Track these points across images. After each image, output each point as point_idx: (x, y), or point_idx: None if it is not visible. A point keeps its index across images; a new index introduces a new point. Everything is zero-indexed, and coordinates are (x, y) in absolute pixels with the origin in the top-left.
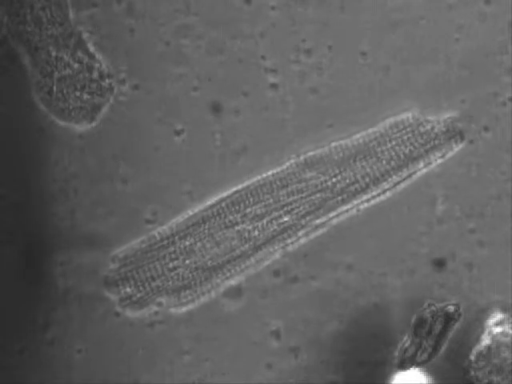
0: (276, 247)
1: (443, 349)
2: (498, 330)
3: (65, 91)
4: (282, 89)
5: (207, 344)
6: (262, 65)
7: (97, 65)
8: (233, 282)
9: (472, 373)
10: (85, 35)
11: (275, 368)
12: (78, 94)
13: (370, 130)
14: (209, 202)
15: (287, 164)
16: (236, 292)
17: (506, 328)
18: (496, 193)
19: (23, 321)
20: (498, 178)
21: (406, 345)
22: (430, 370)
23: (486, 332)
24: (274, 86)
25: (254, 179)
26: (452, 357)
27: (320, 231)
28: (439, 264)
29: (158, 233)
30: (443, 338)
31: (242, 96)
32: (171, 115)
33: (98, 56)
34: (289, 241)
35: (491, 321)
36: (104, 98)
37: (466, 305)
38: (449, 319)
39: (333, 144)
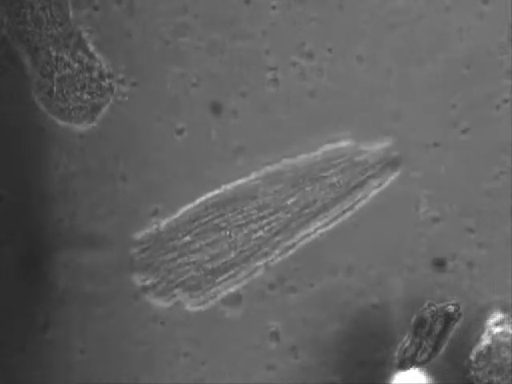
0: (257, 263)
1: (443, 349)
2: (497, 330)
3: (65, 91)
4: (282, 89)
5: (206, 345)
6: (261, 65)
7: (97, 65)
8: (232, 289)
9: (472, 373)
10: (85, 35)
11: (275, 368)
12: (78, 94)
13: (313, 154)
14: (198, 201)
15: (253, 175)
16: (236, 298)
17: (506, 328)
18: (496, 193)
19: (23, 321)
20: (498, 177)
21: (406, 345)
22: (430, 370)
23: (486, 332)
24: (273, 85)
25: (229, 186)
26: (452, 357)
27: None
28: (439, 264)
29: (167, 224)
30: (443, 338)
31: (241, 96)
32: (171, 114)
33: (98, 56)
34: (267, 258)
35: (491, 321)
36: (104, 98)
37: (466, 305)
38: (449, 319)
39: (283, 161)
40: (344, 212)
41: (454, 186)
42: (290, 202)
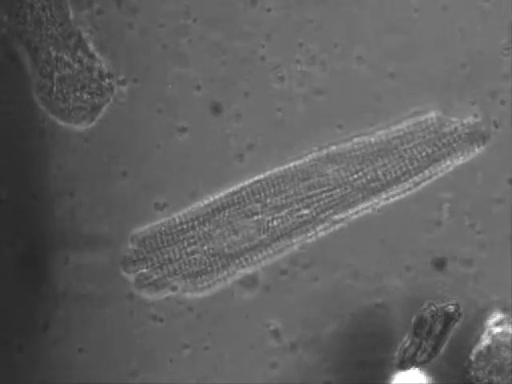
0: (294, 240)
1: (443, 349)
2: (497, 330)
3: (65, 91)
4: (285, 88)
5: (205, 344)
6: (262, 64)
7: (97, 65)
8: (249, 272)
9: (472, 373)
10: (85, 35)
11: (275, 367)
12: (78, 94)
13: (393, 128)
14: (230, 190)
15: (309, 157)
16: (251, 281)
17: (506, 328)
18: (496, 194)
19: (23, 320)
20: (498, 178)
21: (406, 345)
22: (430, 370)
23: (486, 332)
24: (277, 84)
25: (276, 170)
26: (452, 357)
27: (338, 228)
28: (439, 264)
29: (178, 217)
30: (443, 338)
31: (244, 95)
32: (171, 114)
33: (98, 56)
34: (308, 234)
35: (491, 321)
36: (104, 98)
37: (466, 305)
38: (449, 319)
39: (355, 139)
40: (417, 184)
41: (454, 187)
42: (352, 178)
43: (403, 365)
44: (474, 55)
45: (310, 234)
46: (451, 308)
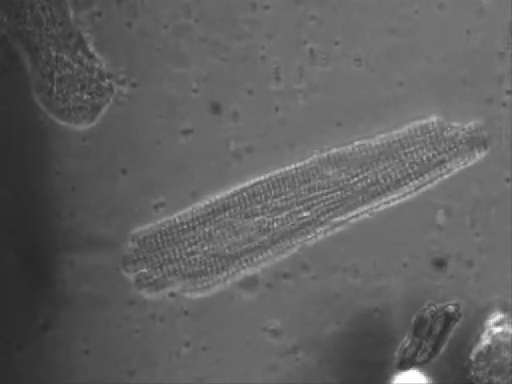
0: (294, 242)
1: (443, 349)
2: (497, 330)
3: (65, 91)
4: (283, 87)
5: (204, 344)
6: (262, 64)
7: (97, 65)
8: (249, 273)
9: (472, 373)
10: (85, 35)
11: (275, 368)
12: (78, 94)
13: (394, 132)
14: (231, 191)
15: (310, 159)
16: (251, 282)
17: (506, 328)
18: (496, 194)
19: (23, 321)
20: (498, 179)
21: (406, 345)
22: (430, 370)
23: (486, 332)
24: (275, 84)
25: (277, 172)
26: (452, 357)
27: (338, 229)
28: (440, 264)
29: (178, 217)
30: (443, 338)
31: (245, 95)
32: (172, 115)
33: (98, 56)
34: (308, 236)
35: (491, 321)
36: (104, 98)
37: (466, 305)
38: (449, 319)
39: (356, 143)
40: (417, 188)
41: (453, 187)
42: (352, 181)
43: (403, 365)
44: (473, 56)
45: (309, 236)
46: (451, 308)
